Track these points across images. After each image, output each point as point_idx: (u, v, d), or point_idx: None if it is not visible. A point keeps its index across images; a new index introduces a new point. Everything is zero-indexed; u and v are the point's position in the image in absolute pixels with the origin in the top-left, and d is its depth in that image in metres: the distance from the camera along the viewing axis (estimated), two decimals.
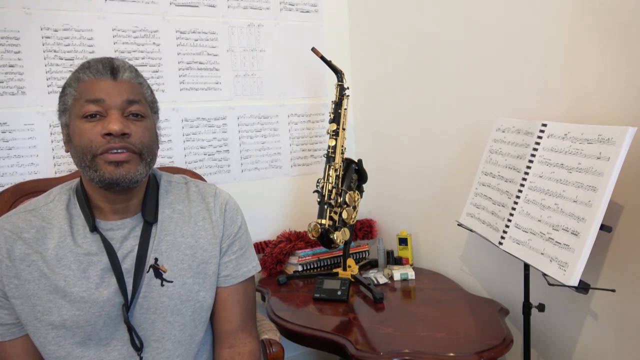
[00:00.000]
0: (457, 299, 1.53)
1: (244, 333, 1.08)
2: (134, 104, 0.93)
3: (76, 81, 0.93)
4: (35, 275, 0.93)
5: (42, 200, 0.99)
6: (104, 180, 0.90)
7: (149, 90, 1.00)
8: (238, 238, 1.09)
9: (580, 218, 1.07)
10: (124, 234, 0.98)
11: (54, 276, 0.92)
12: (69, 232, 0.95)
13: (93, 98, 0.90)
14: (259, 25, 1.99)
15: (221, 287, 1.07)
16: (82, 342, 0.94)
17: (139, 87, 0.96)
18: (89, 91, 0.91)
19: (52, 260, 0.93)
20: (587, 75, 1.23)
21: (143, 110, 0.95)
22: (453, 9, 1.63)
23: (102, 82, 0.91)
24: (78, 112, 0.91)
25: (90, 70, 0.92)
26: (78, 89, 0.92)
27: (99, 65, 0.92)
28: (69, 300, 0.92)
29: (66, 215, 0.96)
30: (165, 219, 1.02)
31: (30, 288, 0.92)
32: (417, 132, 1.85)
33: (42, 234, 0.95)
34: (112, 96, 0.91)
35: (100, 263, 0.95)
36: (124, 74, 0.94)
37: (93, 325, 0.93)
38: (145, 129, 0.94)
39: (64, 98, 0.94)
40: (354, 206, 1.65)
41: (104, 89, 0.91)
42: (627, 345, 1.20)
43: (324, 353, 2.06)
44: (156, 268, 0.98)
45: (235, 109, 1.96)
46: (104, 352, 0.95)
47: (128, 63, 0.97)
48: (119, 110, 0.91)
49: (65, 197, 0.99)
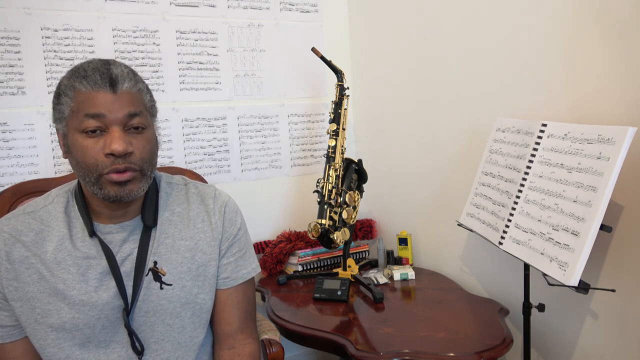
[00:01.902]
0: (457, 299, 1.53)
1: (244, 334, 1.08)
2: (135, 117, 0.90)
3: (72, 90, 0.88)
4: (34, 277, 0.92)
5: (40, 202, 0.99)
6: (108, 198, 0.90)
7: (148, 94, 0.97)
8: (237, 240, 1.08)
9: (580, 218, 1.07)
10: (123, 237, 0.97)
11: (53, 279, 0.92)
12: (67, 235, 0.95)
13: (93, 113, 0.86)
14: (259, 25, 1.99)
15: (220, 289, 1.07)
16: (82, 345, 0.94)
17: (138, 96, 0.92)
18: (87, 105, 0.87)
19: (51, 264, 0.93)
20: (587, 75, 1.23)
21: (144, 121, 0.92)
22: (453, 9, 1.63)
23: (101, 95, 0.87)
24: (77, 125, 0.87)
25: (87, 81, 0.87)
26: (75, 100, 0.88)
27: (96, 76, 0.87)
28: (68, 303, 0.92)
29: (65, 218, 0.96)
30: (164, 222, 1.01)
31: (30, 290, 0.92)
32: (417, 132, 1.85)
33: (41, 236, 0.94)
34: (113, 111, 0.87)
35: (99, 266, 0.94)
36: (123, 84, 0.89)
37: (92, 328, 0.93)
38: (146, 142, 0.92)
39: (60, 107, 0.90)
40: (354, 206, 1.65)
41: (103, 103, 0.87)
42: (627, 345, 1.20)
43: (324, 353, 2.06)
44: (155, 271, 0.97)
45: (235, 109, 1.96)
46: (103, 355, 0.95)
47: (126, 68, 0.92)
48: (120, 125, 0.88)
49: (63, 200, 0.98)
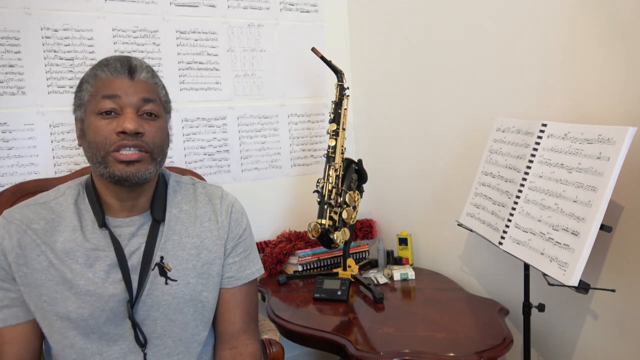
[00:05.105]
0: (457, 299, 1.53)
1: (246, 335, 1.09)
2: (149, 102, 0.95)
3: (93, 77, 0.95)
4: (43, 264, 0.94)
5: (52, 194, 1.01)
6: (113, 177, 0.92)
7: (164, 90, 1.03)
8: (243, 240, 1.10)
9: (580, 218, 1.07)
10: (132, 231, 0.99)
11: (62, 267, 0.94)
12: (78, 226, 0.97)
13: (109, 94, 0.92)
14: (259, 25, 1.99)
15: (224, 289, 1.08)
16: (86, 335, 0.95)
17: (154, 87, 0.98)
18: (105, 87, 0.93)
19: (60, 253, 0.95)
20: (587, 75, 1.23)
21: (157, 109, 0.97)
22: (453, 9, 1.63)
23: (119, 80, 0.93)
24: (94, 108, 0.93)
25: (108, 68, 0.94)
26: (95, 85, 0.94)
27: (117, 64, 0.95)
28: (74, 293, 0.94)
29: (75, 210, 0.98)
30: (172, 218, 1.03)
31: (39, 277, 0.94)
32: (417, 132, 1.85)
33: (52, 226, 0.96)
34: (128, 94, 0.93)
35: (107, 258, 0.96)
36: (140, 73, 0.96)
37: (97, 319, 0.94)
38: (158, 128, 0.97)
39: (81, 93, 0.96)
40: (354, 206, 1.65)
41: (120, 87, 0.93)
42: (627, 345, 1.20)
43: (324, 353, 2.06)
44: (161, 266, 0.99)
45: (235, 109, 1.96)
46: (106, 346, 0.96)
47: (145, 63, 0.99)
48: (134, 108, 0.93)
49: (74, 192, 1.01)
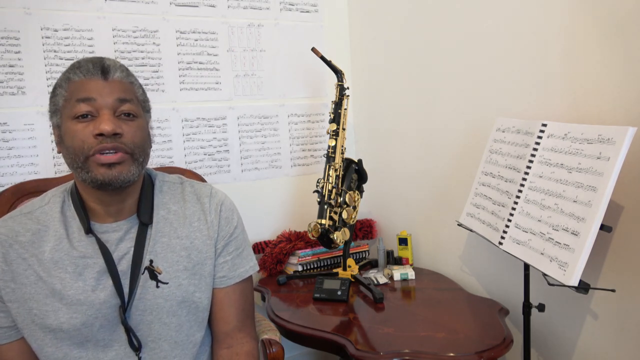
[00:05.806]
0: (457, 299, 1.53)
1: (242, 333, 1.08)
2: (125, 103, 0.92)
3: (66, 81, 0.92)
4: (31, 279, 0.92)
5: (37, 203, 0.99)
6: (96, 181, 0.89)
7: (141, 89, 0.99)
8: (234, 238, 1.08)
9: (580, 218, 1.07)
10: (119, 236, 0.97)
11: (50, 279, 0.92)
12: (64, 234, 0.95)
13: (84, 97, 0.89)
14: (259, 25, 1.99)
15: (217, 288, 1.07)
16: (80, 344, 0.94)
17: (130, 87, 0.95)
18: (79, 91, 0.90)
19: (48, 264, 0.93)
20: (587, 75, 1.23)
21: (135, 109, 0.94)
22: (453, 9, 1.63)
23: (93, 81, 0.90)
24: (69, 112, 0.90)
25: (80, 70, 0.91)
26: (68, 89, 0.91)
27: (89, 65, 0.91)
28: (65, 304, 0.92)
29: (61, 218, 0.96)
30: (160, 220, 1.01)
31: (27, 292, 0.92)
32: (417, 132, 1.85)
33: (38, 237, 0.94)
34: (103, 95, 0.90)
35: (96, 265, 0.94)
36: (114, 73, 0.93)
37: (90, 327, 0.93)
38: (137, 128, 0.94)
39: (55, 99, 0.93)
40: (354, 206, 1.65)
41: (94, 88, 0.90)
42: (627, 345, 1.20)
43: (324, 353, 2.06)
44: (151, 270, 0.97)
45: (235, 109, 1.96)
46: (101, 353, 0.95)
47: (119, 63, 0.96)
48: (110, 109, 0.90)
49: (59, 200, 0.98)
